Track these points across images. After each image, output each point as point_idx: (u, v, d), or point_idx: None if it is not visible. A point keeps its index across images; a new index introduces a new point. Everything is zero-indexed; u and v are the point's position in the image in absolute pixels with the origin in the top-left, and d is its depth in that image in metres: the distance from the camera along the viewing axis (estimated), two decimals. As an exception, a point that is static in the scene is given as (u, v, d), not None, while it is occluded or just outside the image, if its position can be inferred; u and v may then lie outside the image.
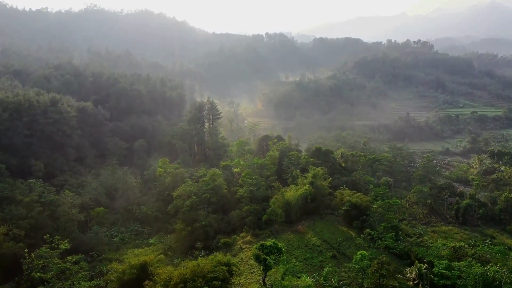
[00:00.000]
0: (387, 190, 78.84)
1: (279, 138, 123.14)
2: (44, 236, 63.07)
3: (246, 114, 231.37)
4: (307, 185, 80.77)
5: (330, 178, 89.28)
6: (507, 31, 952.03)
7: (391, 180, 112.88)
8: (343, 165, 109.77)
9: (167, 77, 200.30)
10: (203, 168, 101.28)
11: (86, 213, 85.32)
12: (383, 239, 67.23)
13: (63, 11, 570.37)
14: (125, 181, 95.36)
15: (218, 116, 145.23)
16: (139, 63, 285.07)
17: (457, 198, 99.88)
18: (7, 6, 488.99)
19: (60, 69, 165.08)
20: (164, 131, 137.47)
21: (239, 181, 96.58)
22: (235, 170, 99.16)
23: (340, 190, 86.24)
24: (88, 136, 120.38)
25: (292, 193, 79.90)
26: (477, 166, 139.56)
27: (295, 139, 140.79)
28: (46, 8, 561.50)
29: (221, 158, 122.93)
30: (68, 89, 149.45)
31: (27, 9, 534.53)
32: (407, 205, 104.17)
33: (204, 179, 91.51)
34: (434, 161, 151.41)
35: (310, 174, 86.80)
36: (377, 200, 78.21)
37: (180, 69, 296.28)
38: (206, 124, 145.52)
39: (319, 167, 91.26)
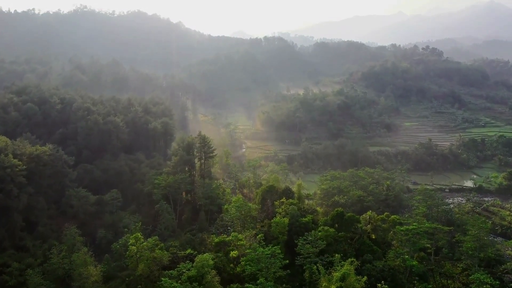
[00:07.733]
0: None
1: (287, 192, 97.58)
2: None
3: (245, 137, 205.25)
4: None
5: (365, 278, 63.92)
6: (507, 31, 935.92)
7: (430, 247, 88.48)
8: (372, 237, 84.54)
9: (153, 99, 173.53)
10: (189, 250, 76.09)
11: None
12: None
13: (51, 13, 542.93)
14: (82, 271, 69.54)
15: (211, 155, 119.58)
16: (126, 75, 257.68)
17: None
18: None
19: (24, 94, 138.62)
20: (145, 175, 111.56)
21: (237, 269, 71.47)
22: (233, 254, 73.71)
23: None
24: (44, 192, 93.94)
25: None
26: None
27: (306, 187, 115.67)
28: (33, 9, 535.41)
29: (214, 218, 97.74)
30: (29, 121, 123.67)
31: (12, 11, 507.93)
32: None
33: (190, 273, 66.28)
34: (470, 204, 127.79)
35: (337, 274, 61.70)
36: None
37: (172, 81, 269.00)
38: (197, 164, 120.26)
39: (348, 260, 66.11)
